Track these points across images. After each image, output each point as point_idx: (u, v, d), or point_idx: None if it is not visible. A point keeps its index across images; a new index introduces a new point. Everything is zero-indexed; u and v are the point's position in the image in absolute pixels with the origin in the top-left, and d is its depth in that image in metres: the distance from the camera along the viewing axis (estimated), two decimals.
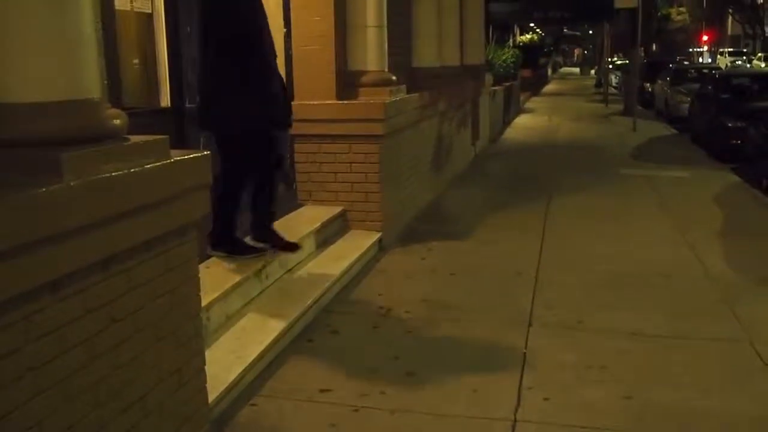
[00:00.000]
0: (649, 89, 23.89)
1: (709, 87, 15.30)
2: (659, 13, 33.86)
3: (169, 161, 2.56)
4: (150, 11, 5.98)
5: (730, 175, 10.21)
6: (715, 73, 17.05)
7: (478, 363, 3.95)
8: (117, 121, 2.43)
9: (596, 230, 6.91)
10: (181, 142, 6.20)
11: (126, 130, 2.47)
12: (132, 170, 2.35)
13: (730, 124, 12.52)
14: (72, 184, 2.10)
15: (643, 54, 21.08)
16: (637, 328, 4.43)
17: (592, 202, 8.28)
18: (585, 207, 7.98)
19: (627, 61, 25.95)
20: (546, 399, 3.50)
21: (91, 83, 2.33)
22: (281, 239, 4.68)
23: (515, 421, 3.30)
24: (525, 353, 4.06)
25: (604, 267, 5.70)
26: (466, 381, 3.70)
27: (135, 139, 2.50)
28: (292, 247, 4.74)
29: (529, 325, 4.49)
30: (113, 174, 2.27)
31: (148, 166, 2.43)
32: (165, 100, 6.22)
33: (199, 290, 2.91)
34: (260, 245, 4.56)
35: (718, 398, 3.55)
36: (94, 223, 2.19)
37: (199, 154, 2.77)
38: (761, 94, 13.99)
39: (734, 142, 12.12)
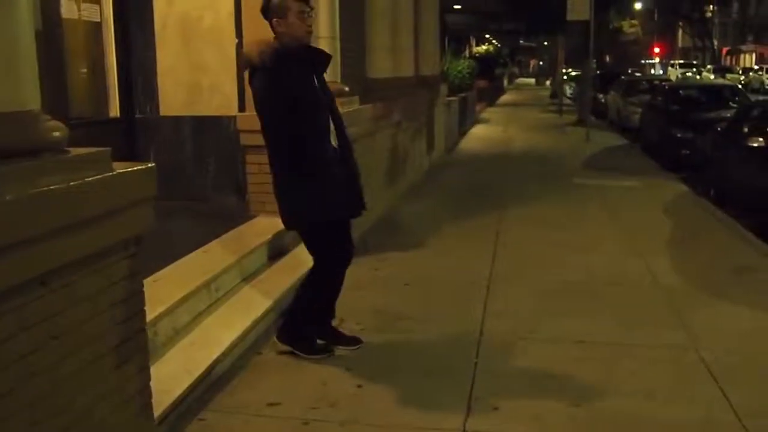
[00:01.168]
0: (602, 100, 24.30)
1: (659, 98, 15.61)
2: (611, 26, 34.44)
3: (111, 174, 2.52)
4: (98, 20, 5.92)
5: (679, 184, 10.42)
6: (664, 85, 17.40)
7: (429, 373, 3.95)
8: (57, 134, 2.38)
9: (548, 239, 6.99)
10: (130, 152, 6.15)
11: (66, 143, 2.42)
12: (72, 184, 2.31)
13: (679, 135, 12.79)
14: (8, 198, 2.05)
15: (595, 65, 21.41)
16: (587, 337, 4.49)
17: (545, 211, 8.37)
18: (538, 217, 8.07)
19: (581, 72, 26.37)
20: (496, 409, 3.52)
21: (29, 95, 2.29)
22: (341, 335, 4.33)
23: (464, 431, 3.31)
24: (476, 362, 4.08)
25: (555, 276, 5.76)
26: (417, 391, 3.71)
27: (76, 151, 2.45)
28: (355, 341, 4.31)
29: (481, 334, 4.51)
30: (52, 188, 2.22)
31: (89, 179, 2.39)
32: (114, 110, 6.16)
33: (144, 304, 2.86)
34: (321, 343, 4.23)
35: (664, 404, 3.61)
36: (31, 238, 2.14)
37: (143, 167, 2.73)
38: (709, 105, 14.33)
39: (683, 152, 12.39)
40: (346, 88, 6.32)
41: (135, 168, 2.67)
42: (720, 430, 3.37)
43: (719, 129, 10.33)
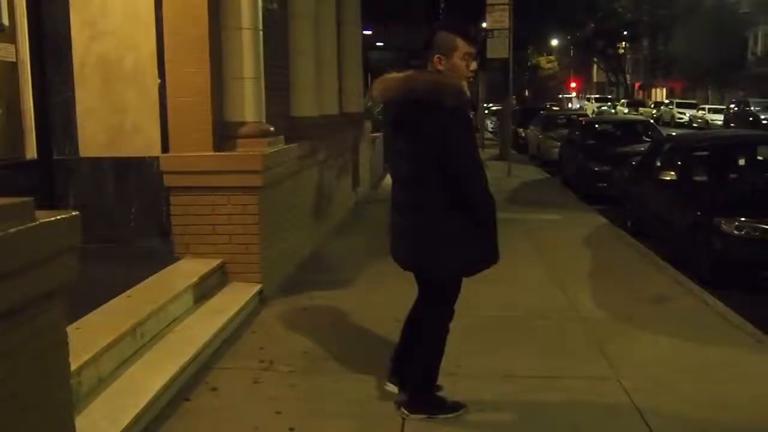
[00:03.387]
0: (523, 134, 24.98)
1: (577, 133, 16.15)
2: (529, 62, 35.50)
3: (33, 224, 2.47)
4: (14, 60, 5.80)
5: (598, 216, 10.75)
6: (581, 120, 18.01)
7: (358, 413, 3.96)
8: None
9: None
10: (49, 194, 6.01)
11: None
12: None
13: (596, 168, 13.25)
14: None
15: (514, 101, 21.99)
16: (512, 371, 4.58)
17: None
18: None
19: (501, 108, 27.01)
20: None
21: None
22: (444, 401, 4.00)
23: None
24: None
25: (480, 311, 5.83)
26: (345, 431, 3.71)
27: None
28: (458, 407, 3.96)
29: None
30: None
31: (11, 230, 2.33)
32: (31, 152, 6.01)
33: (68, 355, 2.79)
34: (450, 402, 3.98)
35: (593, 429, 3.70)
36: None
37: (67, 216, 2.68)
38: (623, 139, 14.91)
39: (600, 184, 12.83)
40: (271, 128, 6.36)
41: (59, 217, 2.62)
42: None
43: (633, 163, 10.74)
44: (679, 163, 8.86)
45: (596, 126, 16.94)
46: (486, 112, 40.46)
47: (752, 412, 4.01)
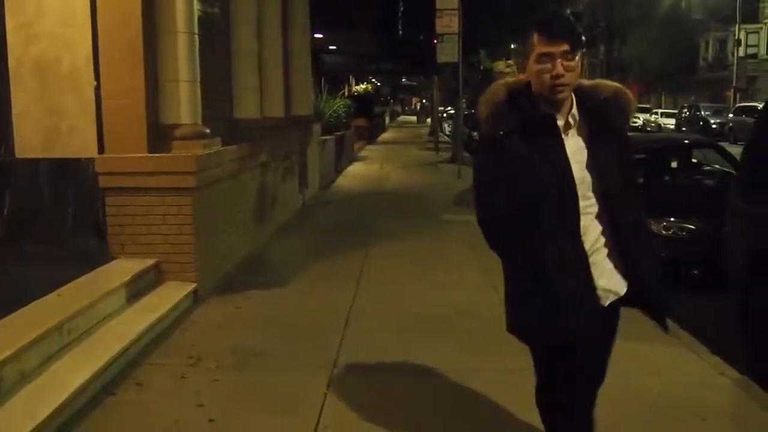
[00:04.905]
0: (476, 137, 25.34)
1: None
2: (482, 67, 35.94)
3: None
4: None
5: None
6: None
7: (279, 406, 4.09)
8: None
9: (410, 275, 7.27)
10: None
11: None
12: None
13: None
14: None
15: (465, 104, 22.28)
16: (435, 365, 4.73)
17: (411, 247, 8.67)
18: (403, 253, 8.36)
19: (454, 111, 27.39)
20: None
21: None
22: None
23: None
24: (326, 394, 4.24)
25: (412, 310, 6.00)
26: (266, 424, 3.84)
27: None
28: None
29: (334, 367, 4.68)
30: None
31: None
32: None
33: None
34: None
35: (504, 425, 3.90)
36: None
37: None
38: None
39: None
40: (207, 130, 6.46)
41: None
42: None
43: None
44: None
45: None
46: (444, 115, 40.99)
47: (658, 403, 4.22)
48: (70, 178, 6.24)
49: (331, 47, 23.40)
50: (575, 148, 2.67)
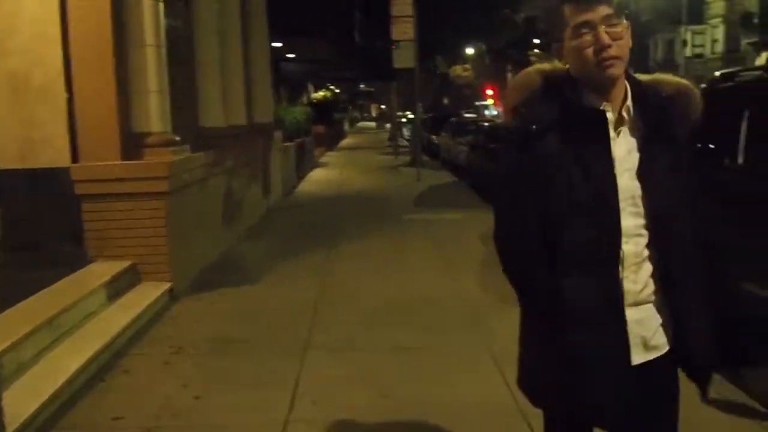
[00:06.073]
0: (435, 141, 25.92)
1: (481, 137, 16.98)
2: (438, 71, 36.56)
3: None
4: None
5: None
6: (485, 125, 18.89)
7: (258, 382, 4.49)
8: None
9: (374, 270, 7.69)
10: None
11: None
12: None
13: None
14: None
15: (422, 109, 22.80)
16: (397, 344, 5.17)
17: (374, 245, 9.10)
18: (366, 251, 8.78)
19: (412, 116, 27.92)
20: (314, 403, 4.12)
21: None
22: None
23: (287, 421, 3.88)
24: (300, 371, 4.65)
25: (377, 300, 6.42)
26: (247, 397, 4.24)
27: None
28: None
29: (306, 349, 5.09)
30: None
31: None
32: None
33: None
34: None
35: (456, 389, 4.33)
36: None
37: None
38: None
39: None
40: (177, 138, 6.82)
41: None
42: (495, 403, 4.10)
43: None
44: None
45: (499, 131, 17.79)
46: (403, 120, 41.53)
47: None
48: (47, 187, 6.51)
49: (289, 55, 23.79)
50: (625, 150, 2.08)
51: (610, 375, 2.07)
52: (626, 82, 2.12)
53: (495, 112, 62.31)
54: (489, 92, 70.92)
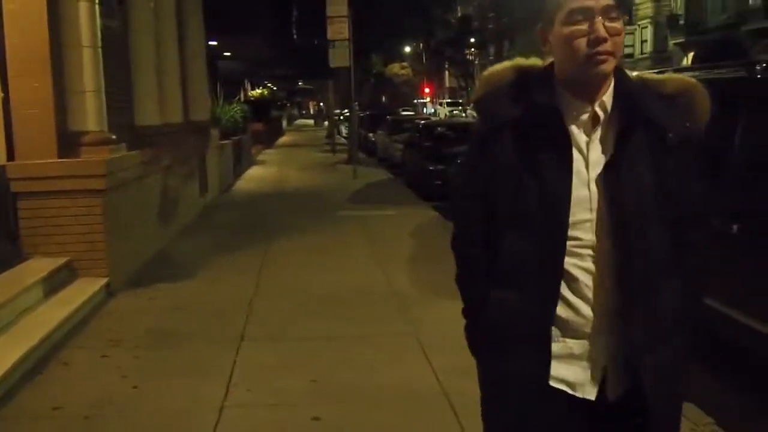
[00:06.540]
0: (372, 138, 26.23)
1: (417, 135, 17.34)
2: (374, 70, 36.89)
3: None
4: None
5: (431, 211, 11.84)
6: (419, 124, 19.26)
7: (194, 372, 4.68)
8: None
9: (309, 264, 7.93)
10: None
11: None
12: None
13: (431, 168, 14.41)
14: None
15: (358, 107, 23.05)
16: (329, 334, 5.43)
17: (309, 240, 9.33)
18: (301, 245, 9.00)
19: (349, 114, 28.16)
20: (249, 390, 4.35)
21: None
22: None
23: (222, 407, 4.10)
24: (235, 360, 4.87)
25: (311, 293, 6.65)
26: (184, 386, 4.44)
27: None
28: None
29: (241, 340, 5.31)
30: None
31: None
32: None
33: None
34: None
35: (382, 374, 4.61)
36: None
37: None
38: (458, 140, 16.18)
39: (435, 182, 13.99)
40: (113, 136, 6.94)
41: None
42: (421, 386, 4.40)
43: (459, 161, 11.93)
44: None
45: (433, 129, 18.18)
46: (341, 118, 41.75)
47: None
48: None
49: (226, 54, 23.78)
50: (600, 154, 1.85)
51: (529, 408, 1.88)
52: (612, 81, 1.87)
53: (432, 110, 63.10)
54: (427, 90, 71.75)
